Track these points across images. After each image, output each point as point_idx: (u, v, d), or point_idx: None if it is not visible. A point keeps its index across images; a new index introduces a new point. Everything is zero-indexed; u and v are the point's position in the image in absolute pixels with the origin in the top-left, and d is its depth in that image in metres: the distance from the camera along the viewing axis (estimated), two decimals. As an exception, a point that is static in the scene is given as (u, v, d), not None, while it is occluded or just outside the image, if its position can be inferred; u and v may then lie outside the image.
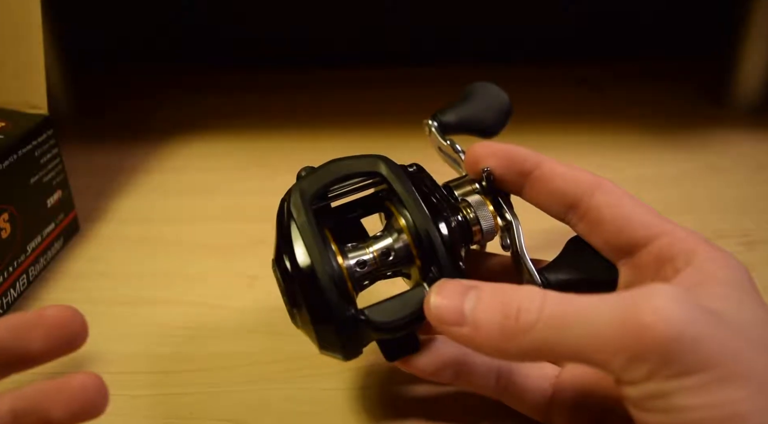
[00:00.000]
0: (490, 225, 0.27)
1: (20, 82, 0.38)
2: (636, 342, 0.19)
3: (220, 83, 0.62)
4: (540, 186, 0.27)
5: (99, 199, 0.45)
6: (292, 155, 0.49)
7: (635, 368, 0.19)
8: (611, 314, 0.19)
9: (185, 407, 0.30)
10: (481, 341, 0.22)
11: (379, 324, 0.24)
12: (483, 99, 0.32)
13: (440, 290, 0.23)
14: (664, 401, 0.19)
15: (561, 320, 0.20)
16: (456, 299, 0.22)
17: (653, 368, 0.19)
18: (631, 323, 0.19)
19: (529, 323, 0.20)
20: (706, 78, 0.59)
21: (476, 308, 0.22)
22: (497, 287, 0.22)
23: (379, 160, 0.27)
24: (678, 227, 0.24)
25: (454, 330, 0.22)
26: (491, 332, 0.21)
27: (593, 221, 0.26)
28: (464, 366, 0.27)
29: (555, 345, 0.20)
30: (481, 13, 0.63)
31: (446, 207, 0.26)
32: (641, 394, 0.19)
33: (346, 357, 0.25)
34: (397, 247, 0.26)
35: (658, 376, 0.19)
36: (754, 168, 0.48)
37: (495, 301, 0.22)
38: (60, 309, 0.24)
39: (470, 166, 0.28)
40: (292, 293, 0.25)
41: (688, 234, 0.24)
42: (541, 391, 0.26)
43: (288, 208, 0.25)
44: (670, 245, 0.24)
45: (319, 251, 0.24)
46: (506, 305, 0.21)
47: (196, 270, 0.39)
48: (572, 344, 0.20)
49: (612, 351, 0.19)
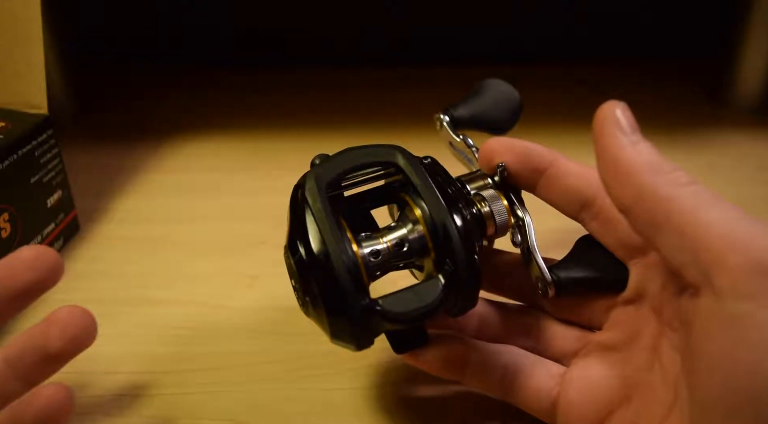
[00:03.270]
0: (504, 220, 0.27)
1: (20, 82, 0.38)
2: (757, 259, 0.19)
3: (220, 83, 0.62)
4: (554, 184, 0.27)
5: (99, 199, 0.45)
6: (293, 155, 0.49)
7: (746, 282, 0.19)
8: (742, 233, 0.20)
9: (185, 407, 0.30)
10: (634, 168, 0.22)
11: (395, 315, 0.24)
12: (495, 96, 0.32)
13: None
14: (755, 328, 0.18)
15: (709, 202, 0.21)
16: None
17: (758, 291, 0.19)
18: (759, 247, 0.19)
19: (681, 179, 0.21)
20: (706, 78, 0.59)
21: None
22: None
23: (396, 150, 0.26)
24: None
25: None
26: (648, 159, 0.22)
27: (606, 219, 0.26)
28: (471, 362, 0.27)
29: (691, 217, 0.20)
30: (481, 13, 0.63)
31: (461, 200, 0.26)
32: (731, 311, 0.19)
33: (359, 347, 0.25)
34: (411, 238, 0.26)
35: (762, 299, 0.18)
36: (754, 168, 0.48)
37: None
38: (70, 309, 0.25)
39: (485, 161, 0.28)
40: (306, 280, 0.24)
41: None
42: (547, 389, 0.26)
43: (303, 193, 0.25)
44: None
45: (335, 237, 0.24)
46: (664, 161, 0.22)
47: (196, 270, 0.39)
48: (698, 227, 0.20)
49: (730, 254, 0.19)
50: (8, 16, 0.37)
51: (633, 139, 0.22)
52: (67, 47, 0.54)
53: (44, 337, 0.24)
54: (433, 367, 0.27)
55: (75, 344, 0.25)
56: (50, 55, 0.42)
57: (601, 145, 0.23)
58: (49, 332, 0.24)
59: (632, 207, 0.22)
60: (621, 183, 0.22)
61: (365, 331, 0.24)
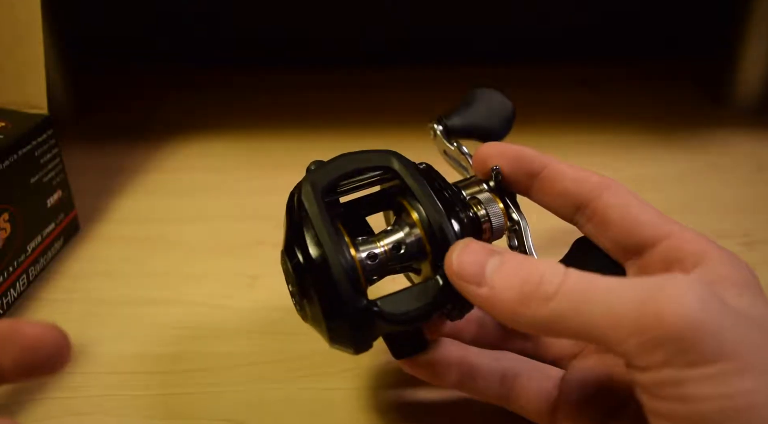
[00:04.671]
0: (500, 222, 0.27)
1: (20, 82, 0.38)
2: (653, 327, 0.19)
3: (220, 83, 0.62)
4: (548, 187, 0.27)
5: (99, 199, 0.45)
6: (293, 155, 0.49)
7: (650, 353, 0.19)
8: (631, 297, 0.19)
9: (185, 407, 0.30)
10: (497, 304, 0.21)
11: (392, 316, 0.24)
12: (487, 105, 0.32)
13: (466, 246, 0.23)
14: (677, 389, 0.19)
15: (581, 294, 0.20)
16: (480, 257, 0.22)
17: (668, 355, 0.19)
18: (650, 308, 0.19)
19: (548, 293, 0.20)
20: (706, 78, 0.59)
21: (498, 270, 0.22)
22: (521, 256, 0.22)
23: (391, 155, 0.27)
24: (685, 228, 0.24)
25: (471, 289, 0.22)
26: (509, 296, 0.21)
27: (601, 221, 0.26)
28: (469, 367, 0.27)
29: (571, 319, 0.20)
30: (481, 13, 0.63)
31: (458, 203, 0.26)
32: (654, 380, 0.19)
33: (357, 350, 0.25)
34: (408, 241, 0.26)
35: (673, 363, 0.19)
36: (754, 168, 0.48)
37: (517, 267, 0.22)
38: (40, 328, 0.20)
39: (479, 166, 0.28)
40: (304, 283, 0.24)
41: (696, 236, 0.24)
42: (546, 393, 0.26)
43: (299, 198, 0.25)
44: (679, 246, 0.24)
45: (332, 241, 0.24)
46: (528, 273, 0.21)
47: (196, 270, 0.39)
48: (588, 321, 0.20)
49: (627, 333, 0.19)
50: (8, 16, 0.37)
51: (481, 285, 0.22)
52: (67, 47, 0.54)
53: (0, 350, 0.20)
54: (431, 374, 0.27)
55: (33, 368, 0.20)
56: (50, 55, 0.42)
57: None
58: (7, 345, 0.20)
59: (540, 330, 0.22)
60: (518, 323, 0.22)
61: (363, 333, 0.24)
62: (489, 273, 0.22)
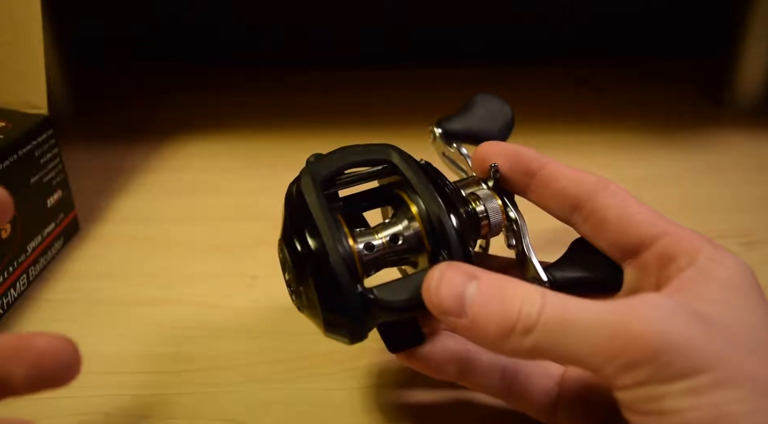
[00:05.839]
0: (498, 219, 0.27)
1: (20, 82, 0.38)
2: (626, 351, 0.20)
3: (220, 83, 0.62)
4: (545, 187, 0.27)
5: (99, 199, 0.45)
6: (292, 155, 0.49)
7: (627, 374, 0.20)
8: (604, 322, 0.20)
9: (185, 407, 0.30)
10: (478, 334, 0.22)
11: (388, 303, 0.24)
12: (487, 111, 0.33)
13: (442, 275, 0.23)
14: (655, 404, 0.19)
15: (557, 325, 0.21)
16: (457, 288, 0.22)
17: (644, 375, 0.19)
18: (622, 333, 0.20)
19: (527, 326, 0.21)
20: (706, 78, 0.59)
21: (476, 300, 0.22)
22: (498, 279, 0.22)
23: (390, 148, 0.27)
24: (681, 227, 0.24)
25: (452, 320, 0.22)
26: (489, 330, 0.21)
27: (598, 222, 0.26)
28: (468, 362, 0.26)
29: (550, 350, 0.21)
30: (481, 13, 0.63)
31: (457, 198, 0.26)
32: (633, 398, 0.20)
33: (352, 339, 0.25)
34: (407, 234, 0.26)
35: (649, 382, 0.19)
36: (754, 168, 0.48)
37: (495, 295, 0.22)
38: (52, 340, 0.20)
39: (478, 164, 0.28)
40: (301, 271, 0.24)
41: (691, 234, 0.24)
42: (547, 390, 0.26)
43: (298, 187, 0.25)
44: (673, 244, 0.24)
45: (330, 230, 0.24)
46: (505, 306, 0.21)
47: (196, 270, 0.39)
48: (567, 350, 0.20)
49: (605, 359, 0.20)
50: (8, 16, 0.37)
51: (461, 317, 0.22)
52: (67, 47, 0.54)
53: (9, 365, 0.20)
54: (429, 367, 0.27)
55: (45, 380, 0.20)
56: (50, 55, 0.42)
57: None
58: (16, 361, 0.20)
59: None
60: (501, 352, 0.22)
61: (359, 321, 0.24)
62: (468, 303, 0.22)
